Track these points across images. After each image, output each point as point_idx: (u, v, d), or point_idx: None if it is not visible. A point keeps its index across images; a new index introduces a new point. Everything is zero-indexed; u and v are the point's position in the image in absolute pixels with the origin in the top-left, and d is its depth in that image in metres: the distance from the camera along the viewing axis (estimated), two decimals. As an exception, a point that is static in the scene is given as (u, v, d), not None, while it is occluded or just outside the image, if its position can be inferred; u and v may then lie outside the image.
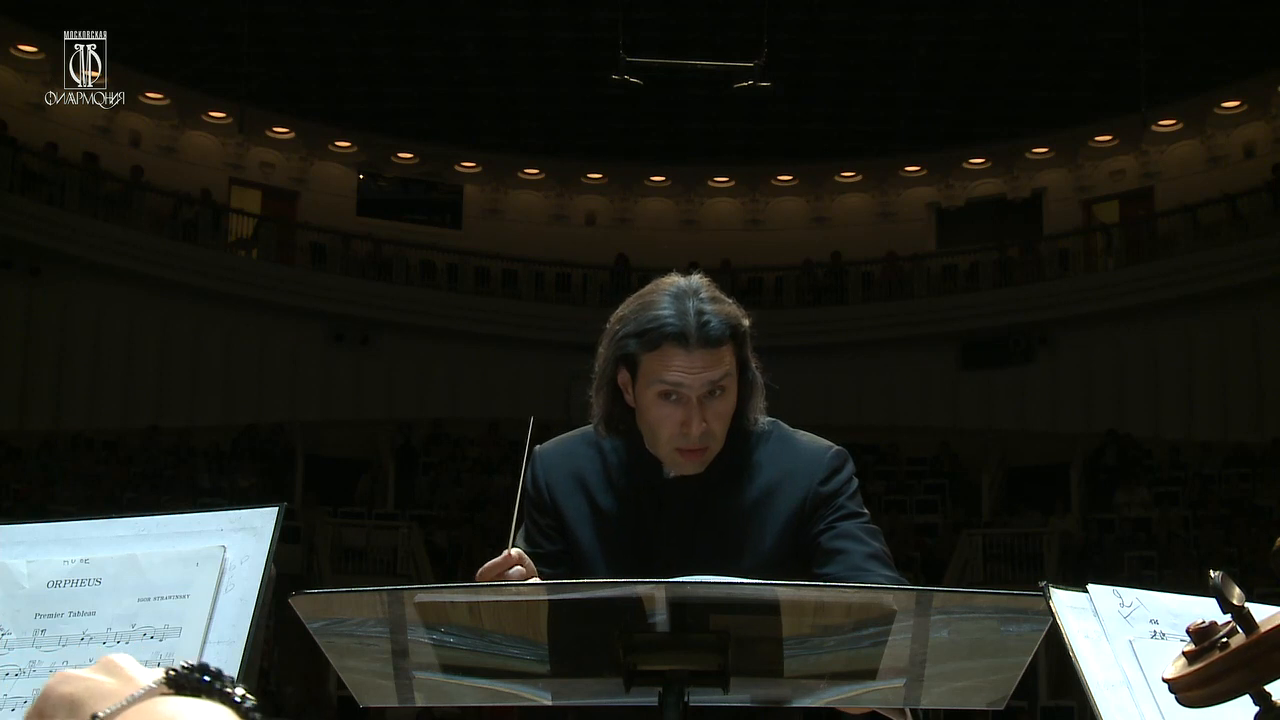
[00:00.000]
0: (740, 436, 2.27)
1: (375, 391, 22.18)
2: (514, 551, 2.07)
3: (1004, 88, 21.96)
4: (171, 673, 0.91)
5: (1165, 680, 1.32)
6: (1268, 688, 1.28)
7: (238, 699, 0.90)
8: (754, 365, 2.25)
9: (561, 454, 2.33)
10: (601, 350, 2.24)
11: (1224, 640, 1.29)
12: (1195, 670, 1.30)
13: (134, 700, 0.89)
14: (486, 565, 2.05)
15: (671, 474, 2.26)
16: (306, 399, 21.59)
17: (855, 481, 2.28)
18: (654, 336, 2.15)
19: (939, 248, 24.34)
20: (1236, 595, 1.28)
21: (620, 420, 2.27)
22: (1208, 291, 20.55)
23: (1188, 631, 1.32)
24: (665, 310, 2.16)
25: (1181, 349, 21.16)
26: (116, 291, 20.42)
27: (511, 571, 2.05)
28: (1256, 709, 1.28)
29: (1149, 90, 19.30)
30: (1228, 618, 1.29)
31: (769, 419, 2.31)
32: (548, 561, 2.25)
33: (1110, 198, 23.78)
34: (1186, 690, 1.31)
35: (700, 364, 2.15)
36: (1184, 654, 1.31)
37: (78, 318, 20.32)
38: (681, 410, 2.16)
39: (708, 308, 2.16)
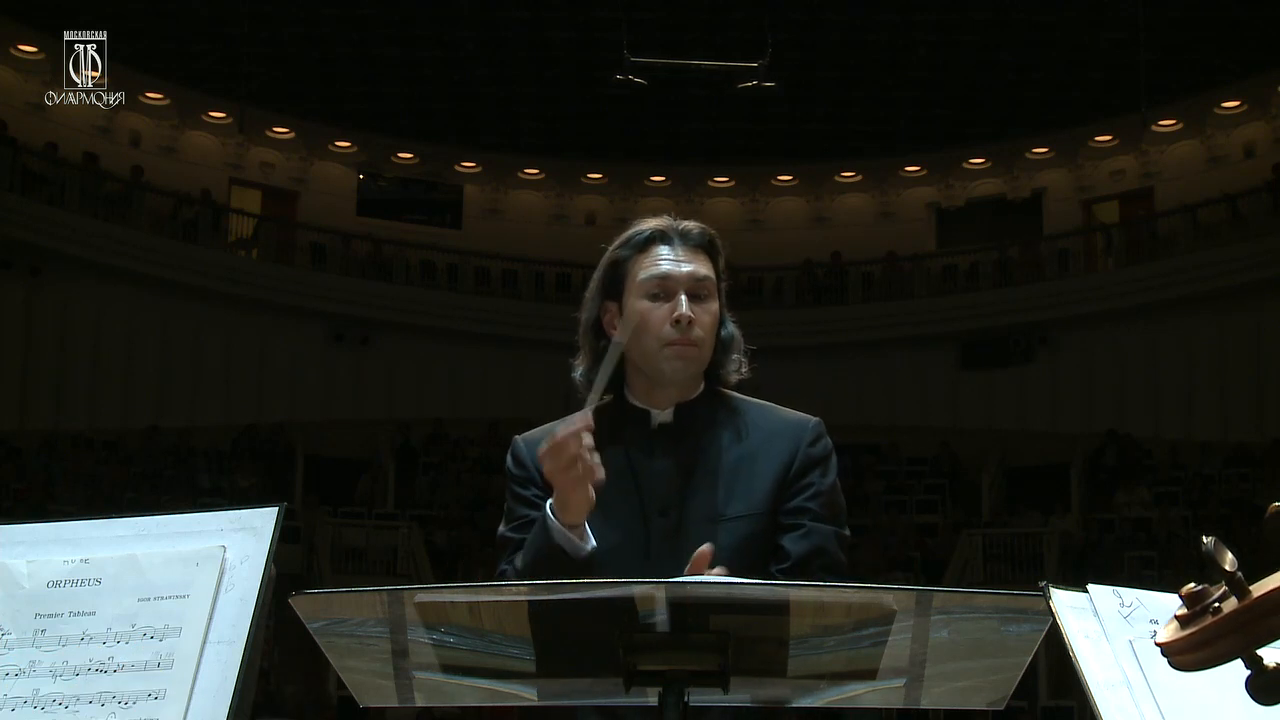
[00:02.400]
0: (722, 395, 2.39)
1: (375, 391, 22.18)
2: (592, 404, 2.15)
3: (1004, 88, 21.96)
4: None
5: (1158, 644, 1.33)
6: (1260, 651, 1.29)
7: None
8: (730, 320, 2.41)
9: (542, 434, 2.32)
10: (586, 297, 2.39)
11: (1216, 605, 1.29)
12: (1188, 634, 1.30)
13: None
14: (560, 434, 2.11)
15: (657, 423, 2.35)
16: (306, 399, 21.58)
17: (834, 455, 2.37)
18: (640, 239, 2.38)
19: (939, 248, 24.33)
20: (1229, 561, 1.29)
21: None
22: (1208, 291, 20.54)
23: (1180, 596, 1.32)
24: (647, 223, 2.41)
25: (1181, 349, 21.14)
26: (116, 291, 20.41)
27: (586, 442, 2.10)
28: (1248, 672, 1.29)
29: (1149, 90, 19.29)
30: (1220, 583, 1.30)
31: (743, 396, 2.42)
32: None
33: (1110, 198, 23.77)
34: (1179, 654, 1.31)
35: (685, 257, 2.35)
36: (1176, 618, 1.32)
37: (78, 318, 20.31)
38: (669, 305, 2.31)
39: (685, 221, 2.41)
